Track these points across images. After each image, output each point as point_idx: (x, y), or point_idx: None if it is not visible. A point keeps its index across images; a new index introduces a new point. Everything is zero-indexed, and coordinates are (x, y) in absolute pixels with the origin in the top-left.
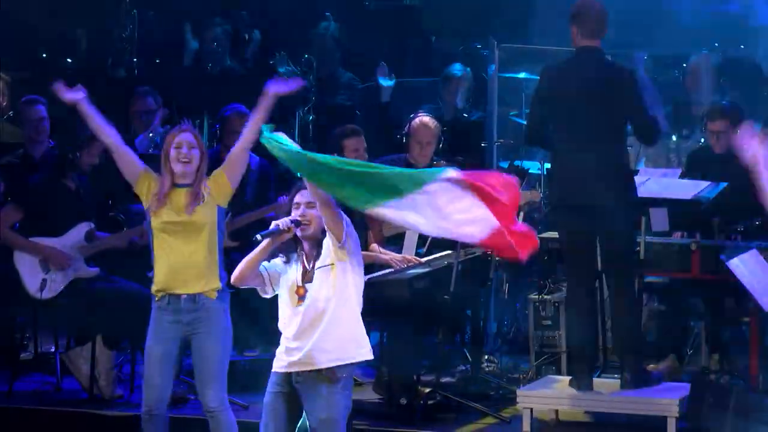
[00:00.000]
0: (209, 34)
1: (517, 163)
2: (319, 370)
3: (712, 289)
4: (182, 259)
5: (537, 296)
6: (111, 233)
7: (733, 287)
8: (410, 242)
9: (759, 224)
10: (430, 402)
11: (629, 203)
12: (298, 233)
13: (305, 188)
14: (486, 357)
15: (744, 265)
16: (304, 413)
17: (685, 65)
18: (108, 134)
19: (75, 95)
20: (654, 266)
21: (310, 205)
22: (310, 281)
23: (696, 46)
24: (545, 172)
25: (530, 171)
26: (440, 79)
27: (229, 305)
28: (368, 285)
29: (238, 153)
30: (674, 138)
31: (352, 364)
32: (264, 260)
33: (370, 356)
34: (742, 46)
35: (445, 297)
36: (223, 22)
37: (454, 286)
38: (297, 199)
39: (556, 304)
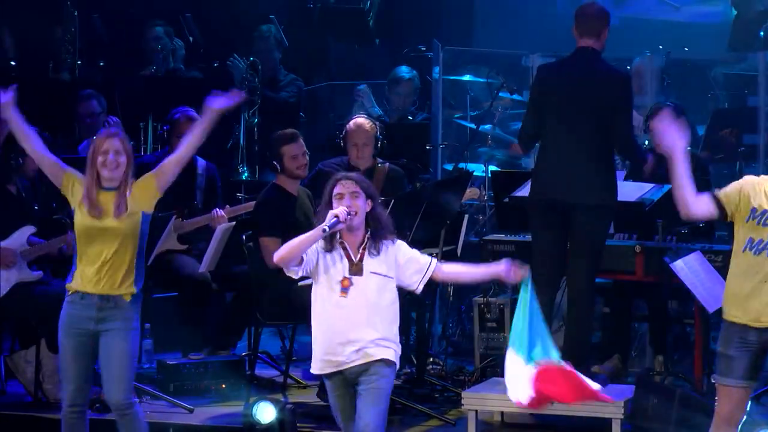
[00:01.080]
0: (151, 34)
1: (461, 165)
2: (369, 362)
3: (656, 291)
4: (103, 262)
5: (482, 299)
6: (56, 237)
7: (677, 289)
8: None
9: (702, 227)
10: None
11: (609, 207)
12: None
13: (344, 179)
14: (431, 359)
15: (688, 268)
16: None
17: (629, 68)
18: (28, 139)
19: (2, 97)
20: (599, 268)
21: (354, 194)
22: (358, 274)
23: (639, 49)
24: (489, 175)
25: (475, 173)
26: (387, 82)
27: (176, 308)
28: (309, 287)
29: (173, 164)
30: None
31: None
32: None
33: (398, 359)
34: (686, 48)
35: None
36: (164, 23)
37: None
38: (338, 189)
39: (501, 306)
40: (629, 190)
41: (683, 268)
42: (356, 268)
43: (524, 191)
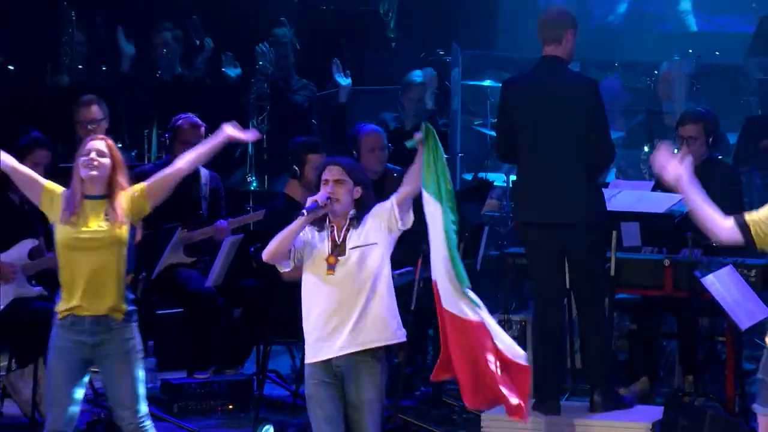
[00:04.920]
0: (159, 39)
1: (481, 175)
2: (361, 351)
3: (685, 307)
4: (88, 277)
5: (502, 315)
6: None
7: (708, 305)
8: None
9: None
10: (389, 426)
11: (597, 219)
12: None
13: (332, 165)
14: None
15: (719, 282)
16: None
17: (656, 72)
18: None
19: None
20: (625, 283)
21: (339, 182)
22: (342, 254)
23: (668, 53)
24: (511, 185)
25: (495, 184)
26: (401, 87)
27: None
28: None
29: (170, 179)
30: (646, 149)
31: (390, 345)
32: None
33: (404, 338)
34: (717, 53)
35: (406, 316)
36: (173, 27)
37: (416, 305)
38: (325, 175)
39: (523, 323)
40: (657, 201)
41: (714, 282)
42: (340, 249)
43: None
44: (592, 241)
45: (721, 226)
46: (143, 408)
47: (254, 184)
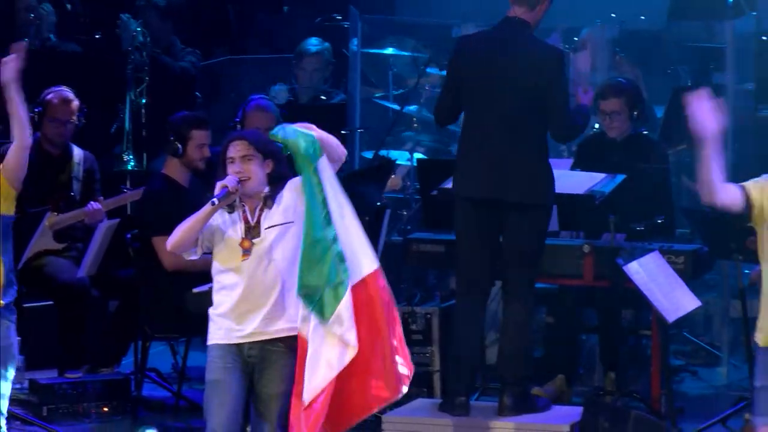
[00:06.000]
0: (22, 4)
1: (383, 152)
2: (274, 340)
3: (607, 297)
4: None
5: (407, 307)
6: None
7: (632, 296)
8: None
9: (661, 222)
10: None
11: (544, 200)
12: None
13: (236, 140)
14: None
15: (644, 270)
16: None
17: (576, 39)
18: None
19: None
20: (540, 272)
21: (246, 158)
22: (257, 236)
23: (589, 18)
24: (415, 163)
25: (398, 162)
26: (293, 56)
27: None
28: (205, 295)
29: (17, 152)
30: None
31: None
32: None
33: None
34: (642, 17)
35: None
36: None
37: None
38: (231, 153)
39: (428, 316)
40: (577, 181)
41: (639, 271)
42: (255, 231)
43: None
44: (535, 225)
45: (726, 186)
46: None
47: (132, 164)
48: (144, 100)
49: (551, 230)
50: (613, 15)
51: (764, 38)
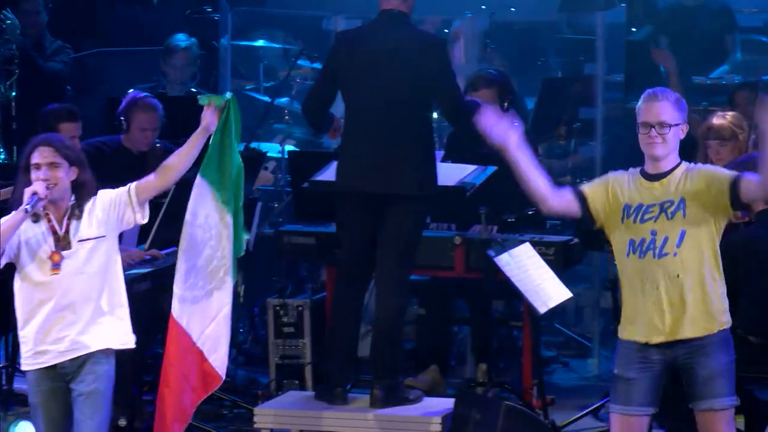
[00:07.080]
0: None
1: (253, 145)
2: (88, 354)
3: (478, 289)
4: None
5: (278, 300)
6: None
7: (503, 287)
8: (131, 233)
9: (532, 214)
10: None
11: (424, 192)
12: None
13: (42, 145)
14: None
15: (515, 262)
16: None
17: (446, 31)
18: None
19: None
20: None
21: (53, 165)
22: (67, 247)
23: (459, 9)
24: (286, 156)
25: (269, 154)
26: (162, 52)
27: None
28: None
29: None
30: (435, 115)
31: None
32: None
33: (133, 344)
34: (512, 9)
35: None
36: None
37: None
38: (36, 159)
39: (300, 309)
40: (448, 173)
41: (509, 262)
42: (64, 242)
43: (327, 175)
44: (416, 217)
45: (557, 192)
46: None
47: (2, 156)
48: (14, 93)
49: None
50: (483, 7)
51: (634, 29)
